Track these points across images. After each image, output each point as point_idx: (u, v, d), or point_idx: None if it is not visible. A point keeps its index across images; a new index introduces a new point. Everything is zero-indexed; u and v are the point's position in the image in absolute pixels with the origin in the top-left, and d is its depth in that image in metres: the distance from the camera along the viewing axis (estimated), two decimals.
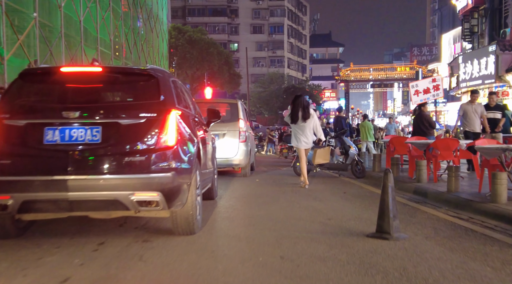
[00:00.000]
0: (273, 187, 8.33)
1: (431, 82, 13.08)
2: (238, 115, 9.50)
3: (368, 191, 7.91)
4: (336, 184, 8.92)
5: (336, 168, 10.43)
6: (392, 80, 56.36)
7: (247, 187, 8.44)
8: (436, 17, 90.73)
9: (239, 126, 9.43)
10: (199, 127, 5.06)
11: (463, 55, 22.71)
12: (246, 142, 9.49)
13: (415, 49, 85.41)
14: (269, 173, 11.58)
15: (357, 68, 56.56)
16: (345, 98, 57.99)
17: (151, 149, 3.71)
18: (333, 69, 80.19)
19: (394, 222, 4.33)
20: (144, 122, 3.77)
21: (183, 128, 4.07)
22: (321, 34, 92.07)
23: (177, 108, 4.08)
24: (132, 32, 18.83)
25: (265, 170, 12.40)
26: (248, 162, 9.68)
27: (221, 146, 9.32)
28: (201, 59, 44.10)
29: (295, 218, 5.26)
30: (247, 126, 10.22)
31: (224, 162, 9.35)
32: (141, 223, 4.85)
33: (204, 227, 4.68)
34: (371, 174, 10.13)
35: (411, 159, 8.99)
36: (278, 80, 57.82)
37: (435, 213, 5.78)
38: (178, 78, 5.89)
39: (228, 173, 10.89)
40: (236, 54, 66.22)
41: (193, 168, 4.08)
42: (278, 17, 69.25)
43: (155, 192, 3.69)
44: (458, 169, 7.02)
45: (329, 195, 7.38)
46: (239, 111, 9.53)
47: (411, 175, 8.87)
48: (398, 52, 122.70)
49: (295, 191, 7.81)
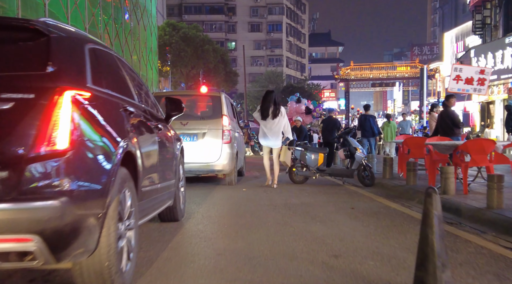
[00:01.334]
0: (262, 200, 6.66)
1: (478, 72, 10.72)
2: (222, 110, 7.83)
3: (382, 206, 6.24)
4: (340, 195, 7.25)
5: (339, 173, 8.76)
6: (393, 79, 54.79)
7: (229, 199, 6.77)
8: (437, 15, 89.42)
9: (222, 124, 7.76)
10: (145, 124, 3.41)
11: (476, 49, 21.08)
12: (231, 143, 7.82)
13: (416, 49, 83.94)
14: (261, 179, 9.91)
15: (357, 67, 54.98)
16: (345, 97, 56.47)
17: (22, 157, 2.06)
18: (333, 69, 79.16)
19: (444, 273, 2.65)
20: (9, 108, 2.12)
21: (93, 122, 2.40)
22: (320, 33, 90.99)
23: (83, 88, 2.42)
24: (113, 22, 17.19)
25: (257, 175, 10.74)
26: (233, 167, 8.02)
27: (200, 148, 7.66)
28: (196, 57, 42.45)
29: (286, 255, 3.59)
30: (234, 125, 8.57)
31: (204, 167, 7.70)
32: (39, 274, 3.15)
33: (140, 279, 3.00)
34: (382, 181, 8.46)
35: (432, 164, 7.32)
36: (277, 79, 56.23)
37: (482, 243, 4.12)
38: (173, 78, 4.26)
39: (210, 180, 9.21)
40: (233, 53, 65.07)
41: (110, 188, 2.42)
42: (277, 15, 68.13)
43: (28, 235, 2.04)
44: (502, 178, 5.35)
45: (333, 211, 5.71)
46: (222, 106, 7.86)
47: (432, 184, 7.21)
48: (398, 52, 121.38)
49: (289, 205, 6.14)
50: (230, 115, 8.29)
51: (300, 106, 18.80)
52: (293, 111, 18.12)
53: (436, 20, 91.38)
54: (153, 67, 23.18)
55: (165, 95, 8.37)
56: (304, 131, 12.68)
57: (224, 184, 8.37)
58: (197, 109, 8.26)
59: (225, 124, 7.77)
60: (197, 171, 7.76)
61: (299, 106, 18.73)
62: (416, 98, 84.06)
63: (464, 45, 49.40)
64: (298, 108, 18.54)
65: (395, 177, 8.88)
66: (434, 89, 62.13)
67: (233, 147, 7.94)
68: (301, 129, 12.84)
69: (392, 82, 55.17)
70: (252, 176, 10.73)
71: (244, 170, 10.50)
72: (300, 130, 12.77)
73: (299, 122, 12.77)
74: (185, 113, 7.92)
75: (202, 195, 7.07)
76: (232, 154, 7.88)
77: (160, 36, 41.24)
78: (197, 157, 7.61)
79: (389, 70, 54.35)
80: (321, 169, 8.54)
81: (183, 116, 7.93)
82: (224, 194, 7.24)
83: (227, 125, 7.80)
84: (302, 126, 12.90)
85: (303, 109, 18.66)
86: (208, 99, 8.13)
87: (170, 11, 63.52)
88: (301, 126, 12.81)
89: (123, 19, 18.47)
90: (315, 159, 8.51)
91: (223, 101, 7.90)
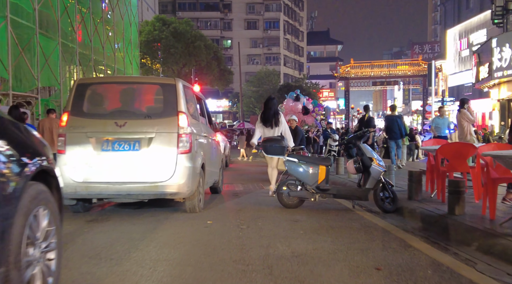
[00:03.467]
0: (227, 249, 4.12)
1: None
2: (177, 105, 5.31)
3: (426, 260, 3.72)
4: (353, 234, 4.70)
5: (349, 195, 6.21)
6: (395, 78, 52.29)
7: (177, 247, 4.16)
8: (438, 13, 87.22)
9: (178, 125, 5.25)
10: None
11: (498, 38, 18.59)
12: (191, 153, 5.30)
13: (417, 47, 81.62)
14: (242, 199, 7.40)
15: (357, 65, 52.54)
16: (344, 96, 54.10)
17: None
18: (332, 68, 77.36)
19: None
20: None
21: None
22: (319, 31, 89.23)
23: None
24: (91, 13, 14.87)
25: (238, 192, 8.25)
26: (196, 187, 5.49)
27: (144, 160, 5.16)
28: (187, 53, 39.99)
29: None
30: (200, 127, 6.06)
31: (150, 189, 5.19)
32: None
33: None
34: (408, 205, 5.94)
35: (491, 184, 4.82)
36: (273, 78, 53.80)
37: None
38: (164, 76, 1.98)
39: (166, 203, 6.62)
40: (229, 51, 63.11)
41: None
42: (274, 12, 66.20)
43: None
44: None
45: (346, 277, 3.22)
46: (178, 99, 5.33)
47: (492, 214, 4.73)
48: (398, 51, 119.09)
49: (272, 263, 3.62)
50: (193, 113, 5.78)
51: (297, 105, 16.26)
52: (289, 110, 15.57)
53: (437, 18, 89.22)
54: (132, 61, 20.67)
55: (92, 82, 5.89)
56: (300, 133, 10.19)
57: (184, 210, 5.85)
58: (141, 104, 5.72)
59: (182, 126, 5.26)
60: (140, 195, 5.25)
61: (296, 105, 16.19)
62: (417, 98, 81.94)
63: (468, 42, 47.15)
64: (294, 107, 16.01)
65: (425, 197, 6.39)
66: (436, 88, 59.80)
67: (195, 159, 5.42)
68: (297, 131, 10.36)
69: (394, 80, 52.66)
70: (231, 193, 8.23)
71: (220, 185, 8.01)
72: (295, 133, 10.29)
73: (294, 122, 10.29)
74: (122, 109, 5.52)
75: (140, 233, 4.58)
76: (194, 168, 5.37)
77: (150, 32, 38.83)
78: (139, 173, 5.13)
79: (391, 68, 51.91)
80: (323, 187, 6.03)
81: (119, 114, 5.54)
82: (175, 233, 4.71)
83: (186, 127, 5.29)
84: (298, 127, 10.41)
85: (300, 108, 16.14)
86: (157, 89, 5.60)
87: (163, 7, 61.55)
88: (297, 127, 10.34)
89: (91, 3, 15.95)
90: (313, 173, 6.01)
91: (179, 93, 5.37)
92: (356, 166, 5.99)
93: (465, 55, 48.20)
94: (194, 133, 5.48)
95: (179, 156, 5.19)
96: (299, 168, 6.08)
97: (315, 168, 6.04)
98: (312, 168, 6.04)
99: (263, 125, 7.63)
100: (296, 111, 14.94)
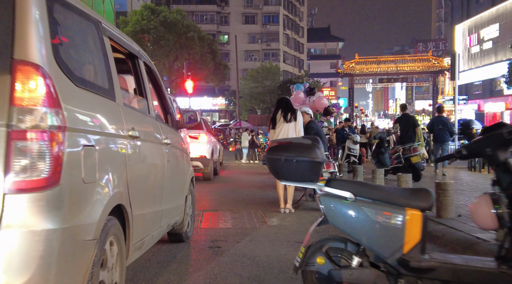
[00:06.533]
0: None
1: None
2: (12, 42, 1.75)
3: None
4: None
5: (485, 280, 2.63)
6: (403, 74, 48.78)
7: None
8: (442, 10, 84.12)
9: (11, 100, 1.70)
10: None
11: None
12: (56, 187, 1.75)
13: (420, 45, 78.58)
14: (225, 259, 3.85)
15: (362, 60, 49.06)
16: (348, 94, 50.67)
17: None
18: (332, 66, 74.91)
19: None
20: None
21: None
22: (319, 28, 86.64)
23: None
24: None
25: (221, 237, 4.70)
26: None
27: None
28: (179, 45, 36.42)
29: None
30: (132, 115, 2.52)
31: None
32: None
33: None
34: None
35: None
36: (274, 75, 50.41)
37: None
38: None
39: None
40: (226, 46, 60.33)
41: None
42: (273, 5, 63.58)
43: None
44: None
45: None
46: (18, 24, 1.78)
47: None
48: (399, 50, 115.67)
49: None
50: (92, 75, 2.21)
51: (315, 101, 11.76)
52: (301, 104, 11.26)
53: (441, 15, 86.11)
54: None
55: None
56: (315, 131, 6.62)
57: None
58: None
59: (28, 103, 1.70)
60: None
61: (309, 99, 11.84)
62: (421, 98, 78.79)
63: (479, 38, 44.04)
64: (307, 102, 11.73)
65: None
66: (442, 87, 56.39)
67: (82, 204, 1.88)
68: (310, 127, 6.83)
69: (402, 77, 49.16)
70: (209, 238, 4.64)
71: (189, 226, 4.40)
72: (307, 131, 6.75)
73: (308, 116, 6.75)
74: None
75: None
76: (72, 232, 1.81)
77: (137, 21, 35.32)
78: None
79: (399, 63, 48.42)
80: (416, 262, 2.45)
81: None
82: None
83: (44, 109, 1.73)
84: (313, 123, 6.85)
85: (317, 106, 11.65)
86: None
87: (157, 0, 58.33)
88: (311, 123, 6.79)
89: None
90: (392, 228, 2.44)
91: (26, 9, 1.81)
92: (502, 211, 2.40)
93: (475, 51, 45.03)
94: (86, 131, 1.93)
95: (10, 201, 1.62)
96: (354, 213, 2.50)
97: (395, 214, 2.45)
98: (388, 214, 2.46)
99: (272, 128, 6.28)
100: (312, 109, 10.55)
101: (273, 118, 6.25)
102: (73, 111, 1.90)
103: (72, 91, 1.94)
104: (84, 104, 2.03)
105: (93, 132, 2.06)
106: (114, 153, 2.29)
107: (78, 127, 1.92)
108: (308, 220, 5.47)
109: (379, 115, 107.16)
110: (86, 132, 1.99)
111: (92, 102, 2.13)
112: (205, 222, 5.38)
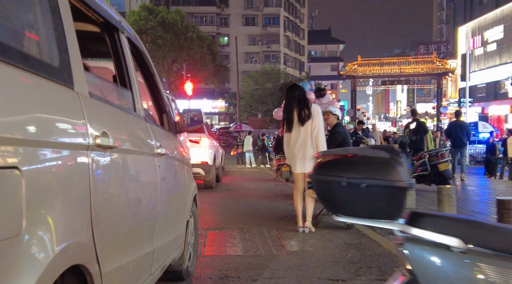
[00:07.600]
0: None
1: None
2: None
3: None
4: None
5: None
6: (407, 76, 47.84)
7: None
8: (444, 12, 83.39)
9: None
10: None
11: None
12: None
13: (422, 47, 77.88)
14: None
15: (365, 62, 48.08)
16: (351, 97, 49.66)
17: None
18: (333, 68, 74.27)
19: None
20: None
21: None
22: (320, 30, 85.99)
23: None
24: None
25: (231, 269, 3.69)
26: None
27: None
28: (178, 46, 35.48)
29: None
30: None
31: None
32: None
33: None
34: None
35: None
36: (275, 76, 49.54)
37: None
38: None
39: None
40: (226, 48, 59.54)
41: None
42: (273, 7, 62.91)
43: None
44: None
45: None
46: None
47: None
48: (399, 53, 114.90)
49: None
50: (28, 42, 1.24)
51: (325, 102, 10.34)
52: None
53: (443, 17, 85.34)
54: None
55: None
56: (342, 137, 5.63)
57: None
58: None
59: None
60: None
61: (320, 101, 10.40)
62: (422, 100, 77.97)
63: (483, 40, 43.30)
64: (318, 102, 10.38)
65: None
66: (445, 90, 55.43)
67: None
68: (336, 132, 5.87)
69: (405, 79, 48.22)
70: (216, 271, 3.64)
71: (191, 260, 3.41)
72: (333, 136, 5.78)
73: (334, 118, 5.76)
74: None
75: None
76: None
77: (135, 22, 34.42)
78: None
79: (402, 65, 47.49)
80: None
81: None
82: None
83: None
84: (340, 127, 5.85)
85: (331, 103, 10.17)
86: None
87: (156, 1, 57.64)
88: (337, 127, 5.80)
89: None
90: None
91: None
92: None
93: (479, 54, 44.29)
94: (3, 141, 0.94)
95: None
96: (465, 272, 1.50)
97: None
98: None
99: (287, 128, 5.09)
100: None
101: (289, 119, 5.06)
102: None
103: None
104: (2, 91, 1.05)
105: (19, 143, 1.08)
106: (64, 176, 1.29)
107: None
108: (334, 244, 4.47)
109: (379, 118, 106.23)
110: (3, 143, 1.01)
111: (21, 88, 1.15)
112: (210, 246, 4.38)
